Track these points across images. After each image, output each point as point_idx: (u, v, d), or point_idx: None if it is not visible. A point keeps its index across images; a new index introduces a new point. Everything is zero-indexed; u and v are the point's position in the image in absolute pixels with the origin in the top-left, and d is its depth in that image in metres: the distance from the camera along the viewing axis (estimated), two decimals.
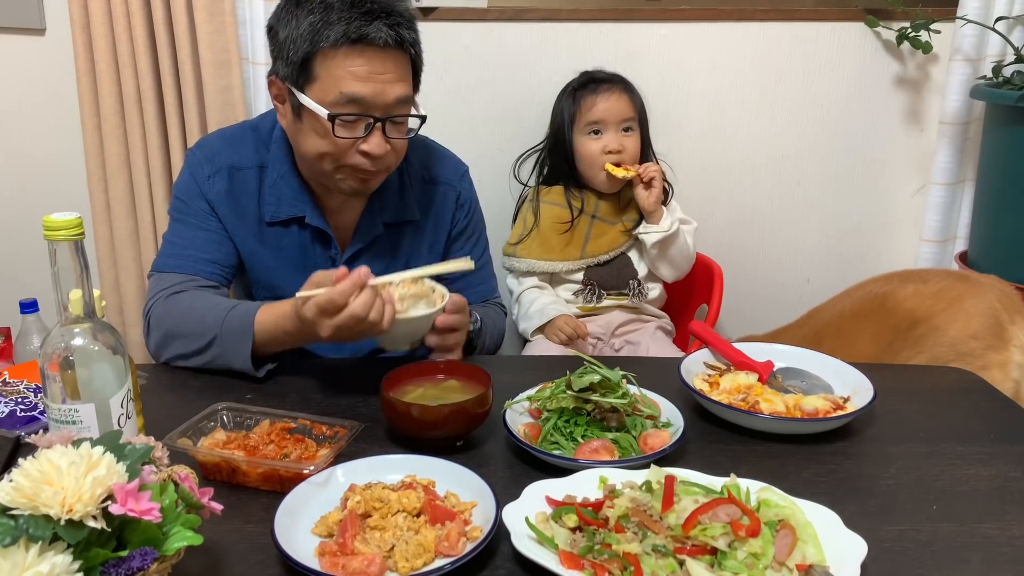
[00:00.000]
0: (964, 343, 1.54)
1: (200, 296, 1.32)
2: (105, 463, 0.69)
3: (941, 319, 1.58)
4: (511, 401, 1.12)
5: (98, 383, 0.87)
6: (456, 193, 1.51)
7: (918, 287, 1.66)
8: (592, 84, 1.84)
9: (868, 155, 2.25)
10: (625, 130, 1.83)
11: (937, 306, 1.60)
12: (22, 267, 2.17)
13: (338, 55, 1.22)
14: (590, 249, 1.86)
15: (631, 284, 1.87)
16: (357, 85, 1.23)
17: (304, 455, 0.99)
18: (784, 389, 1.23)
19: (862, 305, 1.71)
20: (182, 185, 1.40)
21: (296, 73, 1.25)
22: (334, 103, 1.23)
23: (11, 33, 2.07)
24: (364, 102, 1.24)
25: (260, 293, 1.43)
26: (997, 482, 1.01)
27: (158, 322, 1.32)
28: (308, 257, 1.41)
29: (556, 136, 1.89)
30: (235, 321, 1.25)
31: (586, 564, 0.80)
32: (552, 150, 1.91)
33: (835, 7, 2.14)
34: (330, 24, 1.21)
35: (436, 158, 1.52)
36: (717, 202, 2.25)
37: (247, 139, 1.41)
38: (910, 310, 1.63)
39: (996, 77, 2.03)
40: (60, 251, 0.83)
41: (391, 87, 1.25)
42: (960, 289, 1.62)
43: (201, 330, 1.27)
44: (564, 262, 1.86)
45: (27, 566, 0.64)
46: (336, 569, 0.80)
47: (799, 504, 0.87)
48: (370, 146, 1.26)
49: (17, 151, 2.16)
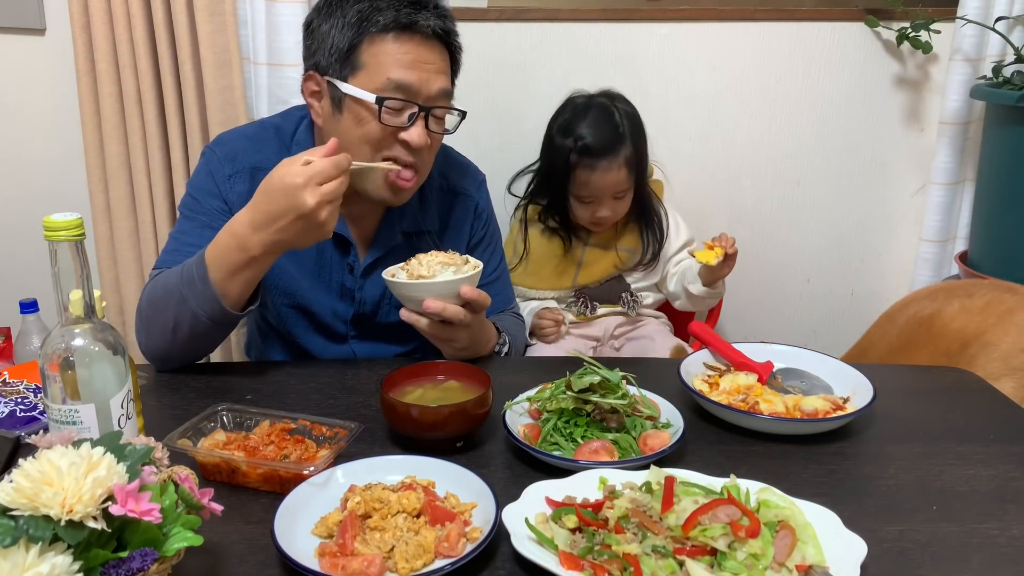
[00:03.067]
0: (1016, 356, 1.49)
1: (171, 271, 1.25)
2: (105, 464, 0.69)
3: (992, 334, 1.53)
4: (511, 402, 1.12)
5: (98, 383, 0.87)
6: (474, 204, 1.51)
7: (964, 303, 1.60)
8: (589, 158, 1.71)
9: (868, 155, 2.25)
10: (617, 198, 1.76)
11: (987, 321, 1.55)
12: (22, 267, 2.17)
13: (387, 41, 1.23)
14: (582, 278, 1.84)
15: (624, 297, 1.86)
16: (404, 72, 1.23)
17: (304, 456, 0.99)
18: (784, 389, 1.23)
19: (910, 334, 1.64)
20: (197, 182, 1.37)
21: (340, 63, 1.25)
22: (380, 89, 1.24)
23: (11, 33, 2.07)
24: (410, 89, 1.24)
25: (277, 299, 1.41)
26: (997, 482, 1.01)
27: (139, 311, 1.28)
28: (325, 263, 1.40)
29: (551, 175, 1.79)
30: (190, 267, 1.20)
31: (586, 565, 0.80)
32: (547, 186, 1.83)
33: (835, 7, 2.14)
34: (379, 10, 1.23)
35: (455, 167, 1.51)
36: (717, 202, 2.25)
37: (269, 138, 1.40)
38: (959, 330, 1.57)
39: (996, 77, 2.03)
40: (60, 251, 0.83)
41: (435, 77, 1.27)
42: (1010, 302, 1.57)
43: (167, 296, 1.22)
44: (556, 291, 1.85)
45: (27, 567, 0.64)
46: (336, 570, 0.80)
47: (799, 504, 0.87)
48: (411, 136, 1.26)
49: (17, 151, 2.16)
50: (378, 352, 1.45)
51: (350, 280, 1.41)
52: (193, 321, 1.21)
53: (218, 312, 1.20)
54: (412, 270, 1.23)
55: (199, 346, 1.28)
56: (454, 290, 1.21)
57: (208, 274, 1.18)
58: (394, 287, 1.25)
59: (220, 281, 1.18)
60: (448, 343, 1.28)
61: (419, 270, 1.22)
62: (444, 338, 1.26)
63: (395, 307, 1.43)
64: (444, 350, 1.30)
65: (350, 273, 1.41)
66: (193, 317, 1.20)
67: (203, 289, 1.18)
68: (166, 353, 1.28)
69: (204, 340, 1.26)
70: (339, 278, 1.41)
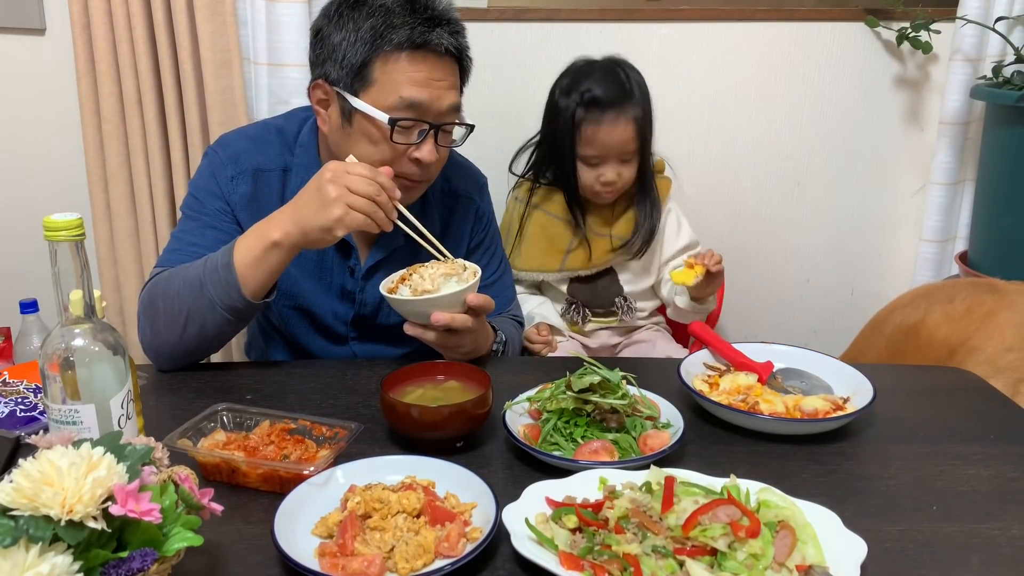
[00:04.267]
0: (1001, 357, 1.50)
1: (192, 263, 1.26)
2: (105, 464, 0.69)
3: (977, 338, 1.54)
4: (511, 402, 1.12)
5: (98, 384, 0.87)
6: (476, 207, 1.51)
7: (946, 309, 1.61)
8: (596, 110, 1.66)
9: (868, 155, 2.25)
10: (624, 161, 1.71)
11: (970, 327, 1.56)
12: (22, 267, 2.17)
13: (400, 59, 1.23)
14: (571, 262, 1.78)
15: (617, 302, 1.80)
16: (416, 90, 1.23)
17: (304, 456, 0.99)
18: (784, 390, 1.23)
19: (897, 344, 1.64)
20: (200, 183, 1.37)
21: (351, 77, 1.25)
22: (392, 107, 1.23)
23: (11, 33, 2.07)
24: (421, 108, 1.24)
25: (279, 300, 1.41)
26: (997, 482, 1.01)
27: (144, 306, 1.27)
28: (327, 266, 1.40)
29: (554, 140, 1.75)
30: (216, 256, 1.22)
31: (586, 565, 0.80)
32: (549, 152, 1.78)
33: (835, 7, 2.14)
34: (393, 28, 1.21)
35: (458, 169, 1.51)
36: (717, 202, 2.25)
37: (272, 140, 1.39)
38: (943, 339, 1.57)
39: (996, 77, 2.03)
40: (60, 251, 0.83)
41: (446, 94, 1.27)
42: (990, 304, 1.58)
43: (183, 286, 1.22)
44: (541, 273, 1.80)
45: (27, 566, 0.64)
46: (336, 570, 0.80)
47: (799, 505, 0.87)
48: (423, 153, 1.27)
49: (17, 151, 2.16)
50: (378, 353, 1.45)
51: (351, 283, 1.41)
52: (208, 311, 1.21)
53: (236, 299, 1.20)
54: (416, 285, 1.23)
55: (206, 343, 1.27)
56: (459, 300, 1.21)
57: (233, 261, 1.19)
58: (398, 304, 1.24)
59: (241, 267, 1.19)
60: (454, 350, 1.28)
61: (423, 285, 1.22)
62: (451, 346, 1.27)
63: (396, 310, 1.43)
64: (448, 355, 1.30)
65: (351, 276, 1.41)
66: (209, 306, 1.21)
67: (225, 276, 1.19)
68: (171, 348, 1.27)
69: (213, 334, 1.25)
70: (340, 280, 1.41)
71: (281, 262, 1.20)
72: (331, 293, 1.42)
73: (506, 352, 1.44)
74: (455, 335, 1.25)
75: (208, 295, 1.20)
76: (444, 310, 1.20)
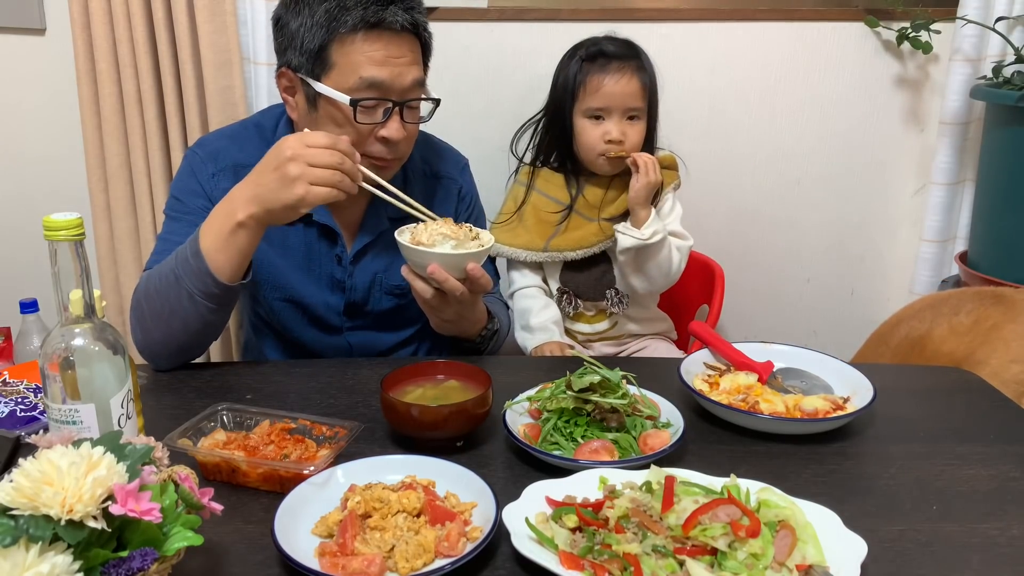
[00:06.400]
0: (1007, 369, 1.50)
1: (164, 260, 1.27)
2: (105, 463, 0.69)
3: (982, 352, 1.54)
4: (511, 401, 1.12)
5: (98, 383, 0.87)
6: (458, 187, 1.53)
7: (951, 322, 1.59)
8: (602, 59, 1.65)
9: (868, 155, 2.25)
10: (630, 118, 1.67)
11: (976, 341, 1.55)
12: (22, 267, 2.17)
13: (356, 40, 1.24)
14: (557, 241, 1.71)
15: (609, 295, 1.74)
16: (376, 69, 1.24)
17: (304, 455, 0.99)
18: (784, 389, 1.23)
19: (904, 357, 1.62)
20: (181, 184, 1.39)
21: (311, 62, 1.26)
22: (353, 89, 1.24)
23: (11, 33, 2.07)
24: (383, 86, 1.25)
25: (269, 293, 1.42)
26: (997, 482, 1.01)
27: (133, 309, 1.28)
28: (313, 254, 1.41)
29: (555, 108, 1.71)
30: (184, 246, 1.22)
31: (586, 564, 0.80)
32: (550, 125, 1.75)
33: (835, 7, 2.14)
34: (347, 9, 1.23)
35: (437, 152, 1.52)
36: (717, 202, 2.25)
37: (250, 136, 1.41)
38: (949, 353, 1.56)
39: (996, 77, 2.03)
40: (60, 251, 0.83)
41: (408, 70, 1.27)
42: (995, 316, 1.57)
43: (160, 282, 1.23)
44: (526, 251, 1.72)
45: (27, 566, 0.64)
46: (336, 569, 0.80)
47: (799, 504, 0.87)
48: (389, 131, 1.28)
49: (17, 151, 2.16)
50: (373, 341, 1.45)
51: (339, 271, 1.42)
52: (187, 302, 1.20)
53: (211, 285, 1.19)
54: (417, 235, 1.23)
55: (195, 337, 1.27)
56: (461, 264, 1.21)
57: (200, 246, 1.19)
58: (404, 250, 1.24)
59: (210, 251, 1.18)
60: (437, 313, 1.28)
61: (420, 236, 1.22)
62: (435, 306, 1.26)
63: (386, 293, 1.45)
64: (431, 318, 1.30)
65: (338, 264, 1.41)
66: (188, 297, 1.20)
67: (196, 264, 1.19)
68: (163, 347, 1.27)
69: (199, 326, 1.24)
70: (328, 269, 1.42)
71: (250, 242, 1.20)
72: (320, 283, 1.43)
73: (496, 340, 1.44)
74: (442, 299, 1.24)
75: (184, 287, 1.20)
76: (444, 268, 1.20)
